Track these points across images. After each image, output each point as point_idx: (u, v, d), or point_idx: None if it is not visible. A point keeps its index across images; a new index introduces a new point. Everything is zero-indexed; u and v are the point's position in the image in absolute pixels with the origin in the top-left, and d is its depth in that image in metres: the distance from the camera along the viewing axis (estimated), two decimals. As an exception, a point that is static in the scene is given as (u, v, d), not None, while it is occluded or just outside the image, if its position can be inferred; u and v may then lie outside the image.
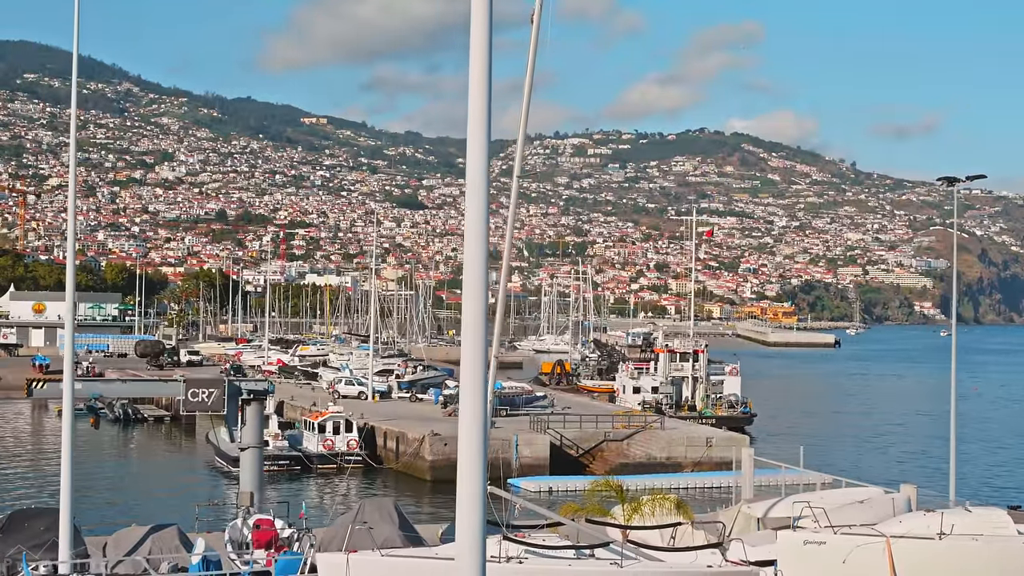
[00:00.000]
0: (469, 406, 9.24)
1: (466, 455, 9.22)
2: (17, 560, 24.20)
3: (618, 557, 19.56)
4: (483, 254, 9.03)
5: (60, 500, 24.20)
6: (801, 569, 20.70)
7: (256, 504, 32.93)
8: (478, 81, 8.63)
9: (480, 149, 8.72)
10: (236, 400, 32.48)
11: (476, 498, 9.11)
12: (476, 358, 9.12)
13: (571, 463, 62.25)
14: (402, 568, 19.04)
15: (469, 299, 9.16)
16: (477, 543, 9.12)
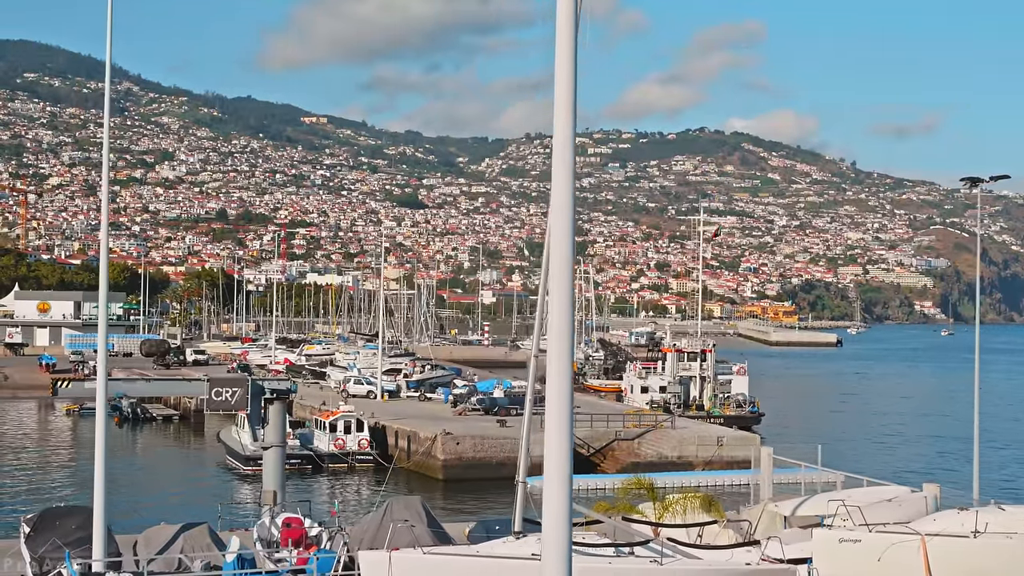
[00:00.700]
0: (555, 406, 9.34)
1: (553, 457, 9.33)
2: (50, 558, 24.31)
3: (657, 555, 19.67)
4: (568, 259, 9.07)
5: (94, 499, 24.28)
6: (836, 567, 20.81)
7: (279, 502, 33.07)
8: (564, 80, 8.70)
9: (565, 146, 8.78)
10: (259, 399, 32.55)
11: (563, 500, 9.22)
12: (562, 362, 9.21)
13: (583, 462, 62.31)
14: (444, 566, 19.13)
15: (556, 295, 9.20)
16: (564, 543, 9.24)
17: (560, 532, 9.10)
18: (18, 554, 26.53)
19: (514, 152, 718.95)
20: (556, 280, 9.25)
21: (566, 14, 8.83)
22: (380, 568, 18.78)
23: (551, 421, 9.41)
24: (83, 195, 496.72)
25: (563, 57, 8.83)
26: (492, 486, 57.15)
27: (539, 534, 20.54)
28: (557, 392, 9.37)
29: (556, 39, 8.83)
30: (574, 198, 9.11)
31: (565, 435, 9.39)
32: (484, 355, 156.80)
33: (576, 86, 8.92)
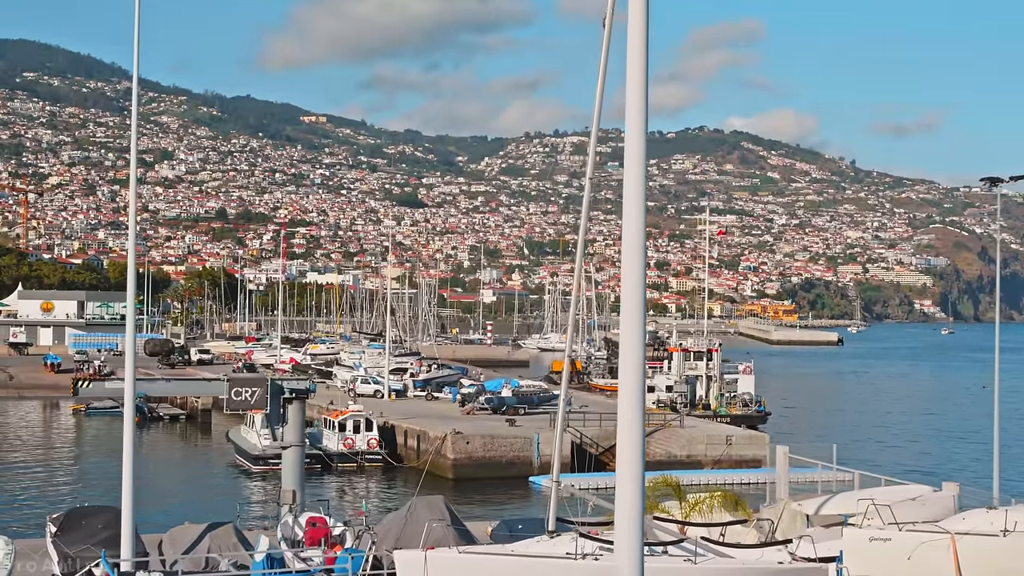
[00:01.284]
0: (628, 405, 9.42)
1: (626, 456, 9.41)
2: (79, 557, 24.39)
3: (691, 554, 19.78)
4: (641, 261, 9.14)
5: (122, 499, 24.36)
6: (866, 566, 20.91)
7: (299, 501, 33.17)
8: (636, 81, 8.77)
9: (638, 149, 8.83)
10: (278, 399, 32.65)
11: (635, 501, 9.29)
12: (635, 363, 9.29)
13: (592, 461, 62.35)
14: (479, 566, 19.22)
15: (628, 295, 9.27)
16: (636, 542, 9.32)
17: (632, 534, 9.17)
18: (44, 553, 26.61)
19: (513, 151, 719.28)
20: (628, 283, 9.31)
21: (638, 15, 8.90)
22: (415, 567, 18.88)
23: (624, 422, 9.48)
24: (82, 194, 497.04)
25: (635, 59, 8.90)
26: (502, 485, 57.33)
27: (573, 533, 20.70)
28: (630, 394, 9.44)
29: (628, 40, 8.91)
30: (645, 205, 9.17)
31: (637, 437, 9.45)
32: (487, 354, 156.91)
33: (647, 88, 8.99)
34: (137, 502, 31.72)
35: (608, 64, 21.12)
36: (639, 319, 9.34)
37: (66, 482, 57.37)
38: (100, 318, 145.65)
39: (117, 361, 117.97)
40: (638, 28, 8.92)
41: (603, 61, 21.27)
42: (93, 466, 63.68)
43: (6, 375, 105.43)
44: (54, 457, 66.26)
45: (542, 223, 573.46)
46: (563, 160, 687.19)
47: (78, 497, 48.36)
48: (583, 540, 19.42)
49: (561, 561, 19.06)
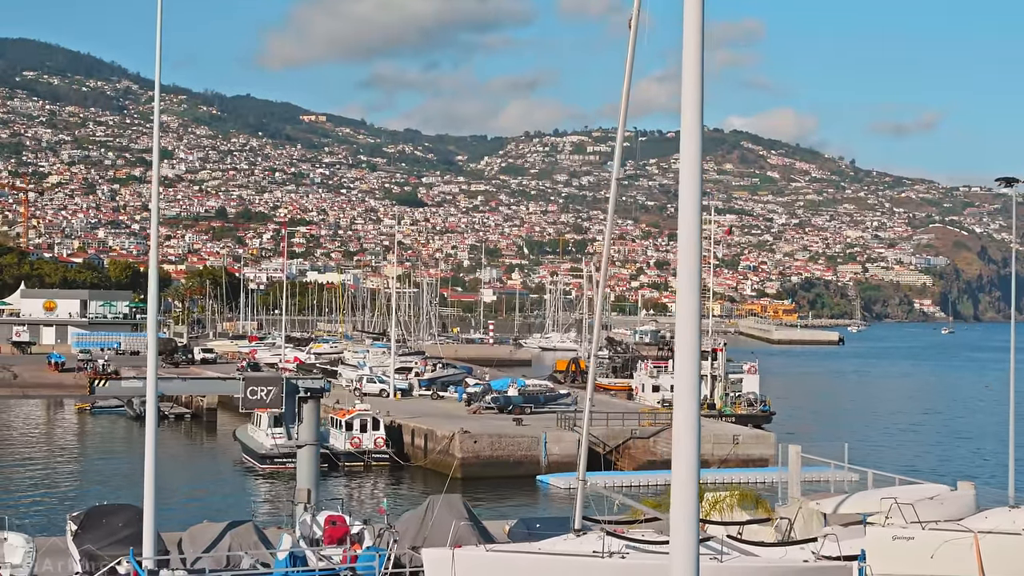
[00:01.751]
0: (683, 408, 9.45)
1: (681, 455, 9.44)
2: (101, 555, 24.47)
3: (717, 552, 19.86)
4: (696, 261, 9.20)
5: (144, 498, 24.44)
6: (889, 564, 21.00)
7: (313, 500, 33.23)
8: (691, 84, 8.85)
9: (693, 152, 8.91)
10: (294, 398, 32.74)
11: (690, 503, 9.34)
12: (690, 363, 9.33)
13: (599, 460, 62.46)
14: (507, 563, 19.30)
15: (683, 295, 9.32)
16: (691, 540, 9.37)
17: (687, 533, 9.20)
18: (65, 551, 26.68)
19: (513, 150, 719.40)
20: (684, 284, 9.37)
21: (693, 15, 8.98)
22: (443, 565, 18.96)
23: (680, 422, 9.49)
24: (82, 193, 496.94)
25: (690, 58, 8.98)
26: (510, 484, 57.40)
27: (599, 531, 20.77)
28: (686, 396, 9.46)
29: (684, 40, 8.99)
30: (700, 205, 9.23)
31: (693, 437, 9.47)
32: (489, 353, 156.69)
33: (702, 88, 9.07)
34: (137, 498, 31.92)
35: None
36: (694, 324, 9.38)
37: (76, 481, 57.44)
38: (103, 317, 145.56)
39: (121, 360, 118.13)
40: (693, 28, 9.00)
41: (629, 61, 21.31)
42: (102, 464, 63.86)
43: (10, 374, 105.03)
44: (63, 456, 66.39)
45: (542, 222, 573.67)
46: (562, 159, 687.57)
47: (84, 495, 48.44)
48: (610, 538, 19.51)
49: (588, 559, 19.16)
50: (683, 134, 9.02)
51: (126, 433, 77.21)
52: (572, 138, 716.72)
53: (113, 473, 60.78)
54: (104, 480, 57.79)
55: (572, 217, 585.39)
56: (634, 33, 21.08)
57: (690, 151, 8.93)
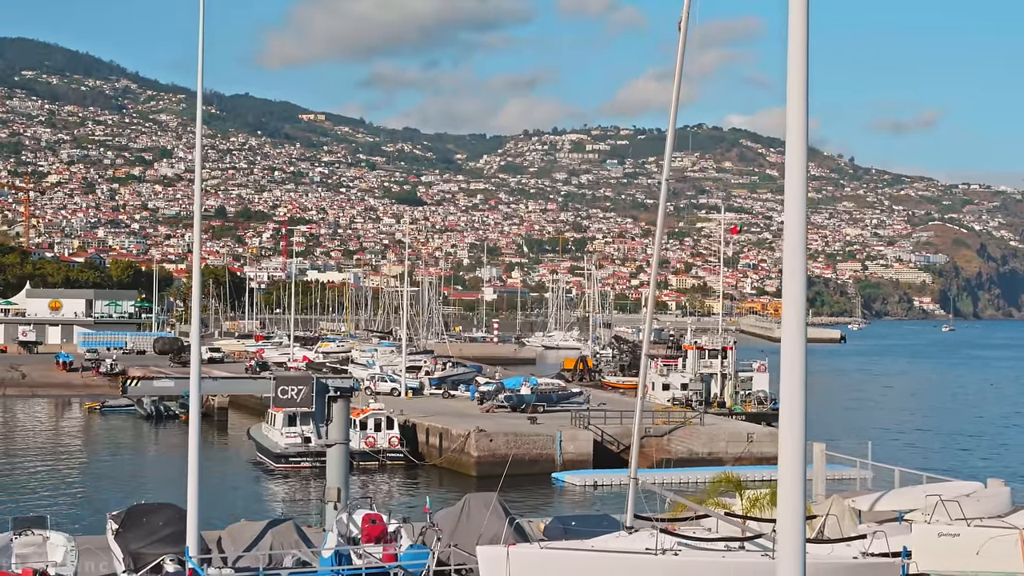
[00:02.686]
0: (790, 409, 9.60)
1: (787, 455, 9.59)
2: (145, 553, 24.61)
3: (769, 549, 20.02)
4: (801, 255, 9.31)
5: (187, 496, 24.59)
6: (935, 561, 21.19)
7: (344, 499, 33.37)
8: (796, 88, 8.95)
9: (799, 149, 9.00)
10: (324, 397, 32.89)
11: (797, 502, 9.48)
12: (797, 363, 9.47)
13: (613, 458, 62.66)
14: (561, 560, 19.46)
15: (790, 293, 9.44)
16: (798, 538, 9.51)
17: (794, 532, 9.34)
18: (104, 550, 26.81)
19: (512, 149, 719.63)
20: (790, 283, 9.49)
21: (799, 14, 9.08)
22: (498, 562, 19.12)
23: (785, 423, 9.62)
24: (82, 193, 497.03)
25: (795, 60, 9.09)
26: (526, 482, 57.52)
27: (651, 529, 20.93)
28: (792, 398, 9.60)
29: (789, 40, 9.10)
30: (806, 203, 9.34)
31: (798, 438, 9.61)
32: (493, 352, 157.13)
33: (808, 85, 9.18)
34: (172, 498, 32.07)
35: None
36: (800, 323, 9.52)
37: (101, 480, 57.46)
38: (108, 316, 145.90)
39: (128, 360, 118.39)
40: (799, 27, 9.11)
41: (679, 63, 21.45)
42: (124, 464, 64.03)
43: (19, 373, 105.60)
44: (83, 455, 66.40)
45: (541, 221, 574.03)
46: (562, 158, 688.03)
47: (110, 494, 48.52)
48: (663, 535, 19.68)
49: (641, 556, 19.32)
50: (788, 136, 9.10)
51: (140, 432, 77.34)
52: (571, 136, 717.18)
53: (135, 472, 61.00)
54: (129, 479, 57.98)
55: (571, 216, 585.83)
56: (683, 35, 21.22)
57: (796, 151, 9.02)
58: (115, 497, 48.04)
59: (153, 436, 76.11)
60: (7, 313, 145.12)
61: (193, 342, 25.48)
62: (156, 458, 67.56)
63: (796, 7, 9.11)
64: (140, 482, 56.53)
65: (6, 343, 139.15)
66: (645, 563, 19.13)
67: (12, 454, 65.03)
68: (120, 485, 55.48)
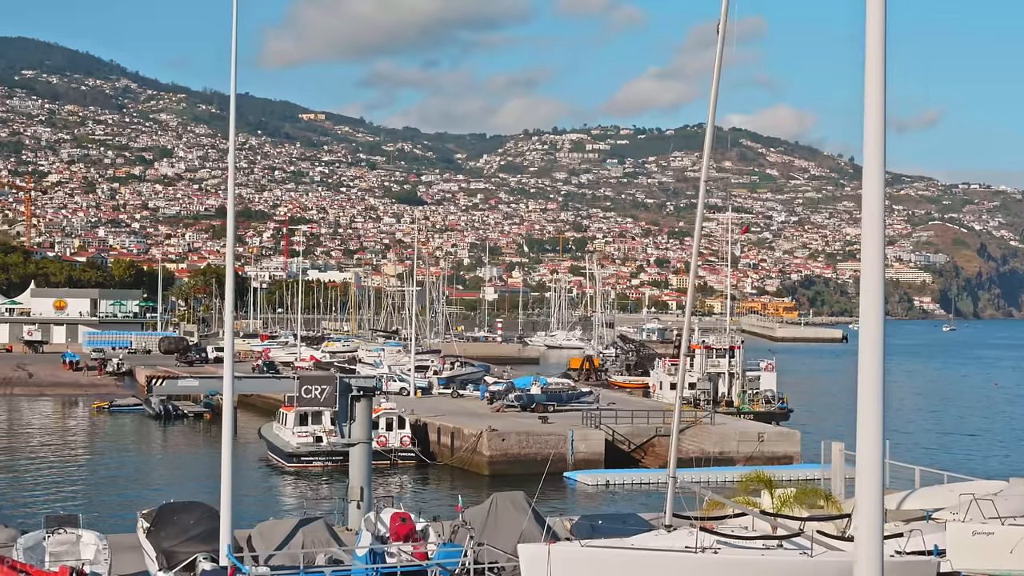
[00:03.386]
0: (868, 409, 9.68)
1: (865, 452, 9.71)
2: (178, 551, 24.76)
3: (807, 547, 20.16)
4: (879, 260, 9.43)
5: (221, 495, 24.73)
6: (970, 559, 21.32)
7: (367, 498, 33.51)
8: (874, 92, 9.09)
9: (877, 143, 9.12)
10: (347, 397, 33.03)
11: (876, 499, 9.61)
12: (874, 374, 9.55)
13: (624, 458, 62.85)
14: (601, 559, 19.58)
15: (868, 294, 9.54)
16: (876, 536, 9.65)
17: (873, 534, 9.47)
18: (134, 548, 26.96)
19: (512, 148, 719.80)
20: (868, 281, 9.60)
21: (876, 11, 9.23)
22: (540, 561, 19.25)
23: (864, 424, 9.69)
24: (82, 192, 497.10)
25: (874, 55, 9.24)
26: (537, 481, 57.53)
27: (689, 527, 21.07)
28: (870, 399, 9.68)
29: (866, 43, 9.24)
30: (884, 200, 9.48)
31: (877, 439, 9.71)
32: (497, 351, 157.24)
33: (886, 84, 9.32)
34: (190, 497, 32.22)
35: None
36: (878, 326, 9.62)
37: (119, 479, 57.60)
38: (113, 316, 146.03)
39: (133, 359, 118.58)
40: (876, 29, 9.26)
41: (717, 65, 21.57)
42: (140, 463, 64.23)
43: (25, 373, 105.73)
44: (94, 455, 66.46)
45: (541, 220, 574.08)
46: (562, 157, 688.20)
47: (130, 493, 48.69)
48: (702, 533, 19.80)
49: (681, 554, 19.45)
50: (866, 133, 9.20)
51: (151, 432, 77.42)
52: (571, 136, 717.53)
53: (154, 471, 61.16)
54: (147, 478, 58.16)
55: (571, 215, 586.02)
56: (722, 38, 21.33)
57: (873, 146, 9.14)
58: (139, 496, 48.23)
59: (164, 435, 76.22)
60: (12, 312, 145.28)
61: (227, 342, 25.66)
62: (171, 457, 67.67)
63: (873, 9, 9.27)
64: (161, 481, 56.69)
65: (11, 342, 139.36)
66: (685, 561, 19.25)
67: (26, 453, 65.13)
68: (140, 484, 55.71)
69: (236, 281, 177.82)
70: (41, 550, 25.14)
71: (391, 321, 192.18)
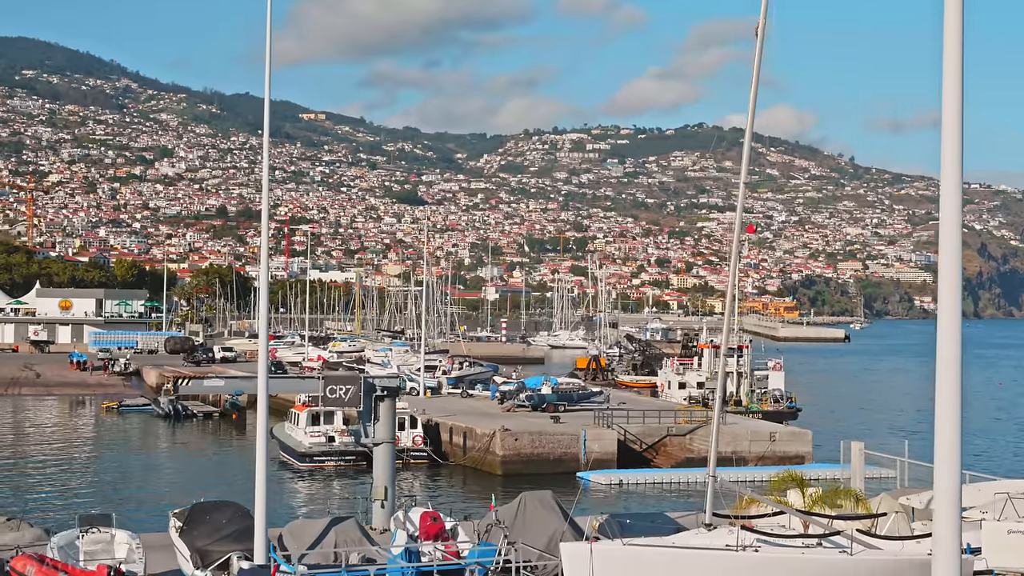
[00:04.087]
0: (945, 411, 9.76)
1: (944, 453, 9.80)
2: (212, 550, 24.91)
3: (846, 546, 20.31)
4: (957, 258, 9.54)
5: (256, 495, 24.87)
6: (1005, 558, 21.46)
7: (391, 497, 33.66)
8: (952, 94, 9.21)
9: (954, 142, 9.24)
10: (371, 396, 33.19)
11: (953, 499, 9.72)
12: (952, 374, 9.63)
13: (637, 457, 62.96)
14: (643, 557, 19.73)
15: (945, 292, 9.62)
16: (954, 537, 9.76)
17: (951, 535, 9.57)
18: (166, 547, 27.10)
19: (513, 148, 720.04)
20: (945, 282, 9.70)
21: (954, 20, 9.35)
22: (582, 559, 19.41)
23: (942, 425, 9.76)
24: (83, 192, 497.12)
25: (951, 66, 9.36)
26: (550, 481, 57.75)
27: (729, 526, 21.21)
28: (947, 401, 9.76)
29: (944, 48, 9.37)
30: (960, 205, 9.59)
31: (955, 441, 9.79)
32: (501, 351, 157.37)
33: (963, 100, 9.44)
34: (213, 495, 32.39)
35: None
36: (955, 326, 9.73)
37: (138, 479, 57.71)
38: (118, 316, 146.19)
39: (139, 359, 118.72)
40: (954, 32, 9.38)
41: (756, 68, 21.69)
42: (156, 462, 64.39)
43: (33, 373, 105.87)
44: (106, 455, 66.54)
45: (542, 220, 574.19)
46: (562, 157, 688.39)
47: (150, 493, 48.85)
48: (743, 532, 19.94)
49: (722, 553, 19.59)
50: (944, 139, 9.30)
51: (161, 432, 77.52)
52: (572, 136, 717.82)
53: (170, 470, 61.30)
54: (169, 478, 58.32)
55: (572, 215, 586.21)
56: (761, 40, 21.46)
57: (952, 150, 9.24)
58: (156, 493, 48.37)
59: (175, 435, 76.32)
60: (18, 313, 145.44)
61: (261, 343, 25.78)
62: (186, 457, 67.76)
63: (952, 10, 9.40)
64: (180, 480, 56.86)
65: (17, 342, 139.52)
66: (727, 559, 19.41)
67: (39, 454, 65.24)
68: (160, 484, 55.95)
69: (239, 281, 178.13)
70: (75, 549, 25.31)
71: (394, 321, 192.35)
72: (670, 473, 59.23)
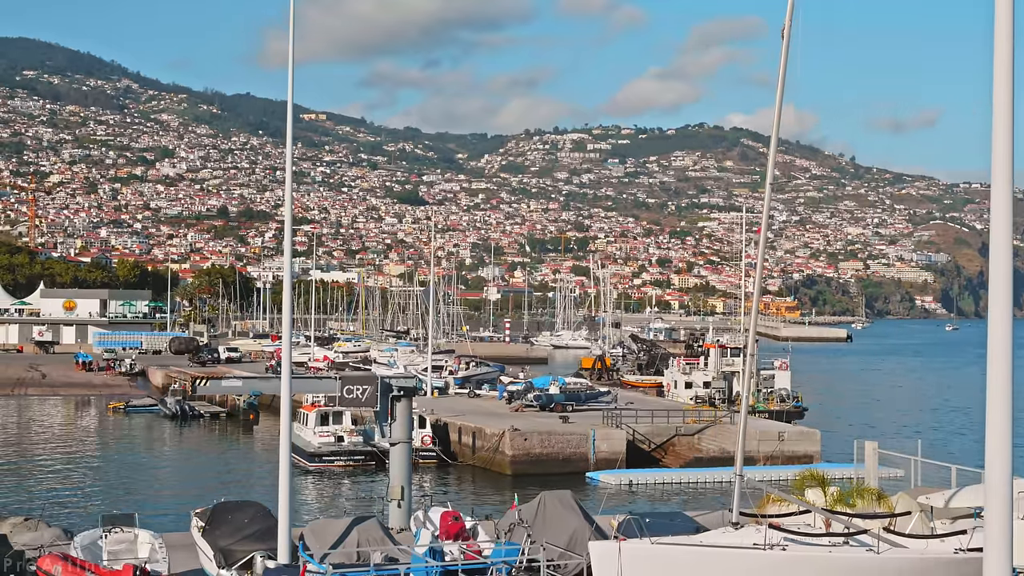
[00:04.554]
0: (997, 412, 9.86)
1: (995, 451, 9.90)
2: (235, 549, 25.00)
3: (873, 544, 20.41)
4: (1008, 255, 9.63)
5: (279, 495, 24.97)
6: (1025, 557, 21.48)
7: (407, 497, 33.75)
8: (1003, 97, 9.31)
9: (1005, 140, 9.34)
10: (388, 397, 33.28)
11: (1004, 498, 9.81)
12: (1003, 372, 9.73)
13: (645, 457, 63.05)
14: (671, 556, 19.84)
15: (996, 288, 9.73)
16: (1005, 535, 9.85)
17: (1002, 535, 9.67)
18: (188, 546, 27.20)
19: (513, 148, 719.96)
20: (997, 283, 9.80)
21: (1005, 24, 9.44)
22: (610, 557, 19.51)
23: (993, 425, 9.85)
24: (84, 192, 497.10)
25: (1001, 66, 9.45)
26: (560, 481, 57.84)
27: (756, 525, 21.30)
28: (999, 401, 9.85)
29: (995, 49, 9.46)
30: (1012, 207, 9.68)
31: (1006, 440, 9.89)
32: (505, 351, 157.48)
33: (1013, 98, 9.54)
34: (230, 495, 32.47)
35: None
36: (1007, 324, 9.82)
37: (152, 479, 57.84)
38: (123, 316, 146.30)
39: (144, 360, 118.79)
40: (1005, 34, 9.48)
41: (782, 69, 21.79)
42: (169, 462, 64.53)
43: (39, 373, 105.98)
44: (116, 455, 66.64)
45: (543, 220, 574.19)
46: (563, 157, 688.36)
47: (164, 494, 48.95)
48: (770, 531, 20.05)
49: (750, 551, 19.69)
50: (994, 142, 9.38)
51: (169, 432, 77.63)
52: (572, 136, 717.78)
53: (183, 471, 61.43)
54: (183, 477, 58.44)
55: (573, 215, 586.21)
56: (786, 42, 21.57)
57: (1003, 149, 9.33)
58: (171, 492, 48.43)
59: (182, 436, 76.42)
60: (22, 313, 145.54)
61: (284, 344, 25.86)
62: (197, 456, 67.88)
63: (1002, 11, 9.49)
64: (195, 479, 56.97)
65: (22, 343, 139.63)
66: (754, 558, 19.51)
67: (49, 453, 65.34)
68: (176, 483, 56.06)
69: (241, 281, 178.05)
70: (98, 548, 25.41)
71: (396, 321, 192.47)
72: (680, 473, 59.33)
